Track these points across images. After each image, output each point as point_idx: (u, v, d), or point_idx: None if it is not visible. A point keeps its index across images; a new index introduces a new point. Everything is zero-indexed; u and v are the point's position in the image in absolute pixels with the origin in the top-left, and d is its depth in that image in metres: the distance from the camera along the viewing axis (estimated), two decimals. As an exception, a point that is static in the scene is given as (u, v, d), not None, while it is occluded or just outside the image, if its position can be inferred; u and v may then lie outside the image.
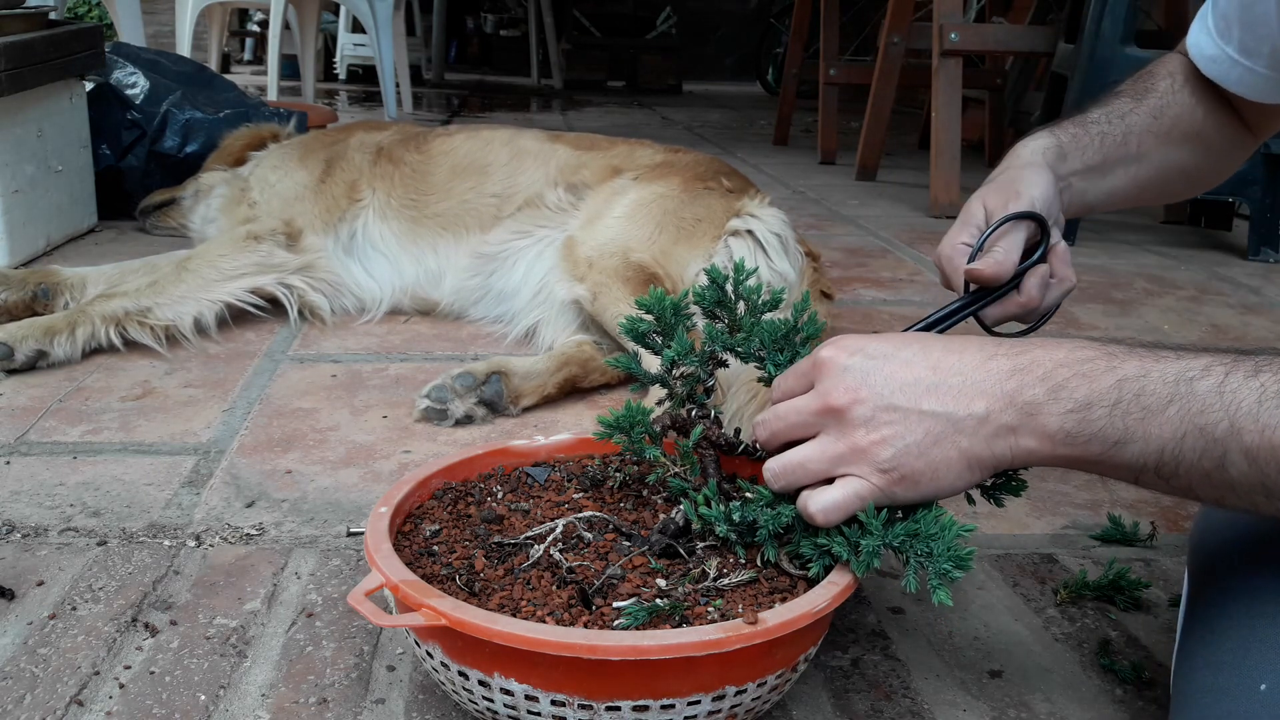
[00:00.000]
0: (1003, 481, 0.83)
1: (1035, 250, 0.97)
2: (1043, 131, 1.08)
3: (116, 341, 1.60)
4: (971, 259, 0.96)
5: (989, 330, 0.98)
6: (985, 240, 0.95)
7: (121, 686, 0.85)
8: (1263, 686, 0.66)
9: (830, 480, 0.78)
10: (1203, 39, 1.09)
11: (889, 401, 0.75)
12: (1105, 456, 0.71)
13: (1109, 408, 0.70)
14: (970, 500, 0.84)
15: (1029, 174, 1.00)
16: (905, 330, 0.93)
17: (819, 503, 0.77)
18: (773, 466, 0.80)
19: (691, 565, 0.82)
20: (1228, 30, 1.06)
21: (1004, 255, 0.94)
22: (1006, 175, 1.02)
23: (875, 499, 0.76)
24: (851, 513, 0.77)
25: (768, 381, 0.90)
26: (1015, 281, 0.96)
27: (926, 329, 0.94)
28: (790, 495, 0.81)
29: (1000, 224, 0.95)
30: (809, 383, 0.80)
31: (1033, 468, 0.82)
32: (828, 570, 0.79)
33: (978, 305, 0.96)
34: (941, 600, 0.73)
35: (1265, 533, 0.78)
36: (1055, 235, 0.98)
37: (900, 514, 0.78)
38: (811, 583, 0.79)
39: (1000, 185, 1.00)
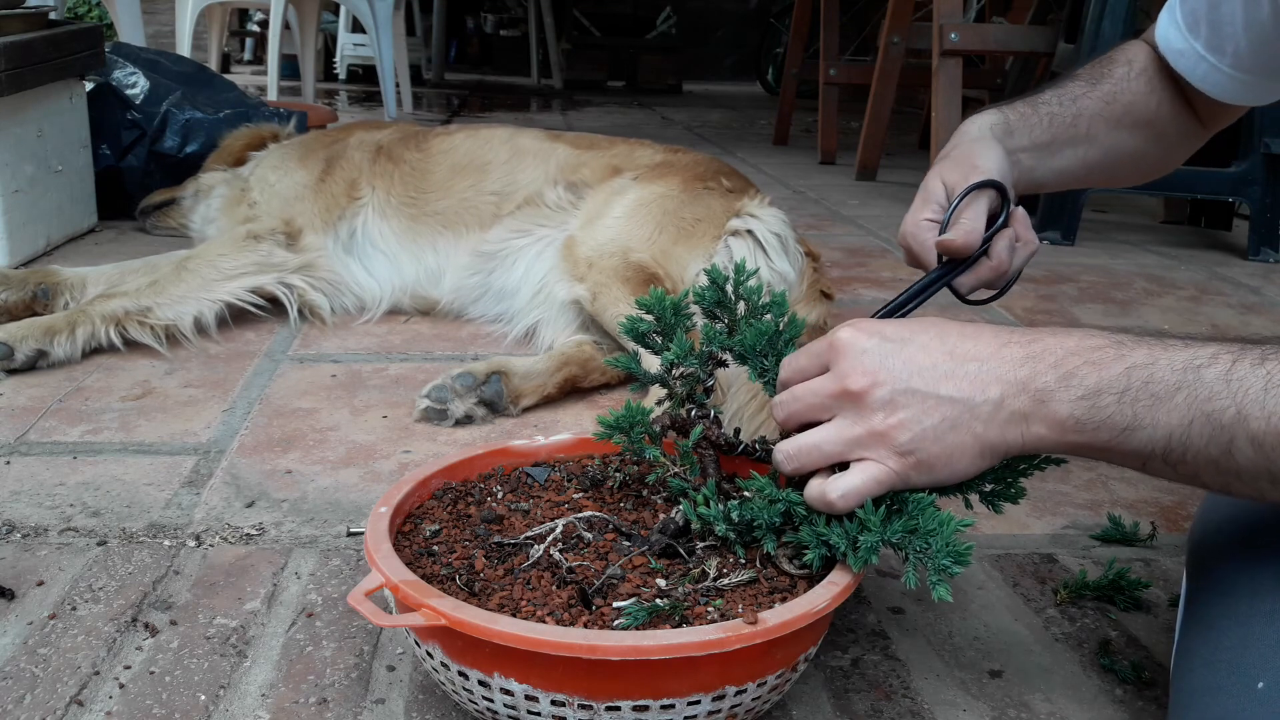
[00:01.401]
0: (1001, 488, 0.83)
1: (998, 217, 0.99)
2: (991, 109, 1.10)
3: (116, 341, 1.60)
4: (942, 233, 0.98)
5: (963, 299, 1.01)
6: (952, 213, 0.98)
7: (121, 686, 0.85)
8: (1260, 684, 0.66)
9: (844, 466, 0.78)
10: (1171, 31, 1.10)
11: (908, 385, 0.75)
12: (1114, 443, 0.71)
13: (1118, 395, 0.70)
14: (968, 505, 0.84)
15: (981, 147, 1.02)
16: (881, 308, 0.95)
17: (838, 488, 0.77)
18: (785, 449, 0.80)
19: (691, 565, 0.82)
20: (1196, 26, 1.07)
21: (972, 224, 0.97)
22: (959, 151, 1.03)
23: (892, 483, 0.76)
24: (870, 497, 0.77)
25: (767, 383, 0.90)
26: (984, 249, 0.98)
27: (904, 304, 0.96)
28: (796, 485, 0.81)
29: (964, 195, 0.98)
30: (823, 364, 0.80)
31: (1037, 463, 0.82)
32: (824, 560, 0.78)
33: (950, 275, 0.98)
34: (941, 596, 0.73)
35: (1263, 532, 0.78)
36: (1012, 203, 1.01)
37: (897, 508, 0.78)
38: (811, 582, 0.79)
39: (956, 160, 1.02)
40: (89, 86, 2.34)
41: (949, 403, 0.75)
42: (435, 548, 0.85)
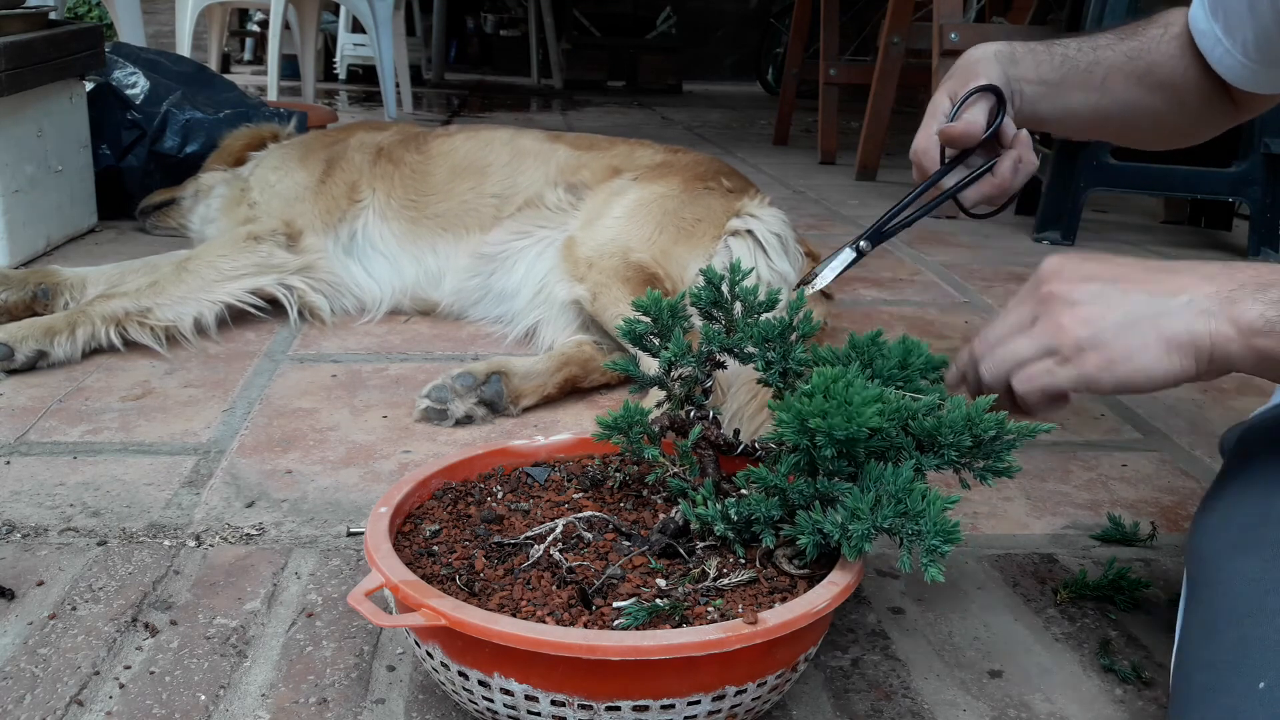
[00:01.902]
0: (993, 462, 0.83)
1: (997, 120, 1.06)
2: (1000, 41, 1.15)
3: (117, 342, 1.60)
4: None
5: (966, 212, 1.09)
6: (955, 112, 1.06)
7: (121, 686, 0.85)
8: (1261, 684, 0.66)
9: None
10: (1198, 11, 1.12)
11: (1098, 288, 0.77)
12: None
13: None
14: (965, 485, 0.84)
15: (982, 65, 1.08)
16: (888, 210, 1.06)
17: (1020, 375, 0.80)
18: (991, 358, 0.83)
19: (691, 565, 0.82)
20: (1216, 9, 1.09)
21: (972, 117, 1.03)
22: (961, 68, 1.10)
23: (1070, 377, 0.78)
24: (1045, 387, 0.79)
25: (765, 381, 0.90)
26: (989, 165, 1.05)
27: (909, 203, 1.06)
28: (781, 496, 0.81)
29: (966, 98, 1.05)
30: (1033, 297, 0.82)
31: (1030, 429, 0.83)
32: (818, 547, 0.78)
33: (951, 170, 1.06)
34: (933, 577, 0.73)
35: (1262, 532, 0.78)
36: (1013, 126, 1.07)
37: (884, 501, 0.77)
38: (811, 582, 0.79)
39: (957, 75, 1.09)
40: (89, 86, 2.33)
41: (1134, 301, 0.76)
42: (435, 548, 0.85)
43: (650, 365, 0.96)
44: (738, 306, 0.91)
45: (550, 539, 0.85)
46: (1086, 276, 0.79)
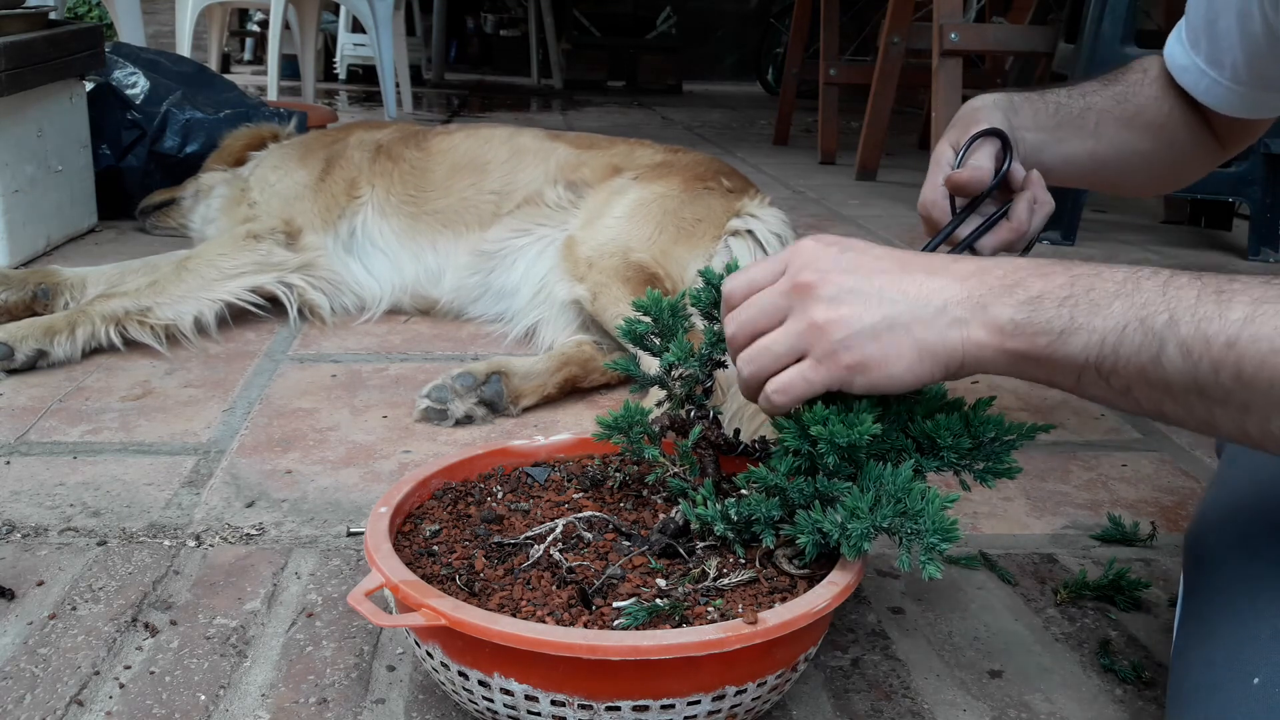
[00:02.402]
0: (994, 463, 0.83)
1: (1004, 166, 1.03)
2: (995, 93, 1.13)
3: (117, 341, 1.60)
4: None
5: None
6: (960, 159, 1.03)
7: (121, 686, 0.85)
8: (1256, 680, 0.66)
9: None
10: (1176, 49, 1.13)
11: (854, 285, 0.76)
12: (1051, 349, 0.71)
13: (1059, 300, 0.71)
14: (965, 486, 0.84)
15: (983, 114, 1.06)
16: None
17: (773, 384, 0.78)
18: (744, 354, 0.80)
19: (691, 565, 0.82)
20: (1197, 42, 1.10)
21: (979, 162, 1.00)
22: (962, 118, 1.08)
23: (825, 382, 0.77)
24: (799, 395, 0.77)
25: None
26: (1003, 211, 1.02)
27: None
28: (781, 496, 0.81)
29: (969, 144, 1.02)
30: (780, 272, 0.80)
31: (1026, 429, 0.82)
32: (818, 547, 0.78)
33: (964, 219, 1.01)
34: (931, 575, 0.73)
35: (1259, 530, 0.79)
36: (1022, 169, 1.04)
37: (884, 500, 0.77)
38: (811, 582, 0.79)
39: (959, 125, 1.07)
40: (89, 86, 2.33)
41: (891, 303, 0.75)
42: (435, 548, 0.85)
43: (651, 365, 0.96)
44: (738, 306, 0.91)
45: (550, 539, 0.85)
46: (843, 269, 0.76)
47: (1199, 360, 0.65)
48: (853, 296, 0.75)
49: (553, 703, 0.72)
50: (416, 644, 0.79)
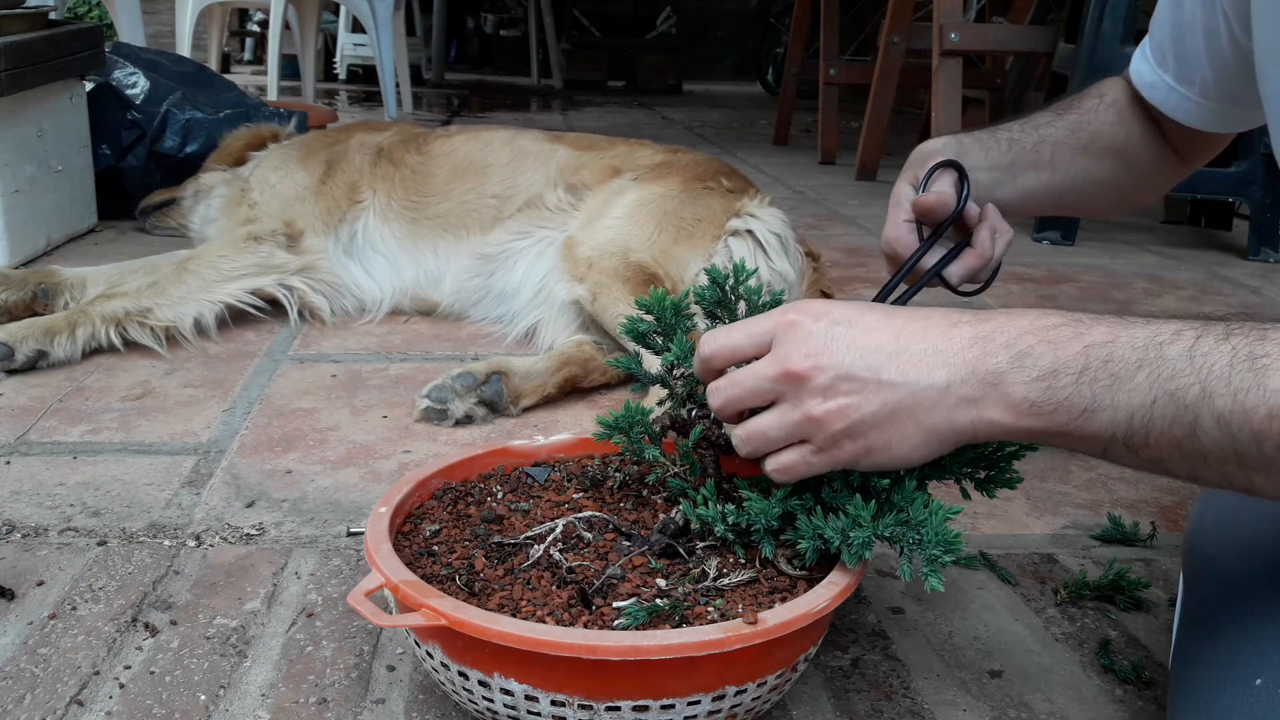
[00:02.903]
0: (996, 474, 0.83)
1: (963, 193, 1.04)
2: (944, 135, 1.14)
3: (116, 342, 1.60)
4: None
5: (954, 290, 1.05)
6: (924, 186, 1.04)
7: (121, 686, 0.85)
8: (1258, 681, 0.66)
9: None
10: (1142, 66, 1.13)
11: (848, 370, 0.72)
12: (1073, 427, 0.69)
13: (1076, 375, 0.68)
14: (965, 495, 0.84)
15: (935, 155, 1.07)
16: (876, 296, 0.98)
17: (774, 462, 0.77)
18: (739, 433, 0.79)
19: (691, 565, 0.82)
20: (1164, 60, 1.10)
21: (942, 188, 1.02)
22: (915, 160, 1.09)
23: (827, 466, 0.76)
24: (802, 475, 0.77)
25: None
26: (966, 242, 1.04)
27: (893, 287, 1.01)
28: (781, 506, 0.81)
29: (928, 176, 1.04)
30: (761, 344, 0.77)
31: (1019, 448, 0.82)
32: (819, 553, 0.78)
33: (930, 247, 1.03)
34: (934, 587, 0.73)
35: (1258, 531, 0.79)
36: (976, 206, 1.05)
37: (887, 499, 0.77)
38: (811, 583, 0.79)
39: (914, 165, 1.08)
40: (89, 86, 2.34)
41: (890, 388, 0.72)
42: (435, 548, 0.85)
43: (652, 364, 0.96)
44: (741, 306, 0.91)
45: (550, 539, 0.85)
46: (835, 350, 0.73)
47: (1238, 432, 0.62)
48: (848, 385, 0.72)
49: (553, 703, 0.72)
50: (416, 644, 0.79)
